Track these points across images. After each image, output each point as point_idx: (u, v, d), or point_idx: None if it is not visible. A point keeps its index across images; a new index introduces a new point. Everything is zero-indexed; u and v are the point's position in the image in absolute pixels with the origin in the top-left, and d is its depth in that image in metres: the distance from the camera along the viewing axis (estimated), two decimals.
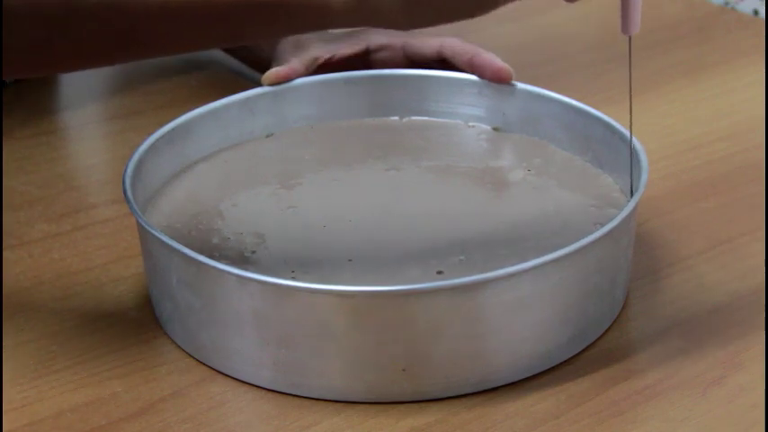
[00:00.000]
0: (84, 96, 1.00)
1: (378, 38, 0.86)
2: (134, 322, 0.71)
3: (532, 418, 0.63)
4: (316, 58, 0.84)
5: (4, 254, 0.77)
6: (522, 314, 0.64)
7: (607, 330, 0.69)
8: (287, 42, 0.86)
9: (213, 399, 0.65)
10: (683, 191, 0.83)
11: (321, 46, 0.85)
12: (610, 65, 1.03)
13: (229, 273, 0.63)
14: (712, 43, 1.07)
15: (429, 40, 0.85)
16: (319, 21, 0.60)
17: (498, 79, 0.80)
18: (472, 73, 0.82)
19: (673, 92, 0.98)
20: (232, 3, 0.59)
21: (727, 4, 1.22)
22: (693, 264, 0.75)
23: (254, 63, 0.96)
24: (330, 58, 0.85)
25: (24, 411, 0.64)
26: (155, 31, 0.60)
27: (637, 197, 0.68)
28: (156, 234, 0.66)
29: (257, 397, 0.65)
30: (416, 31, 0.85)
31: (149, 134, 0.75)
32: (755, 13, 1.21)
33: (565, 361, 0.66)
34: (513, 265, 0.62)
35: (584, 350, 0.67)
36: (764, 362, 0.66)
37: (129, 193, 0.69)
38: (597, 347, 0.68)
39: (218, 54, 1.03)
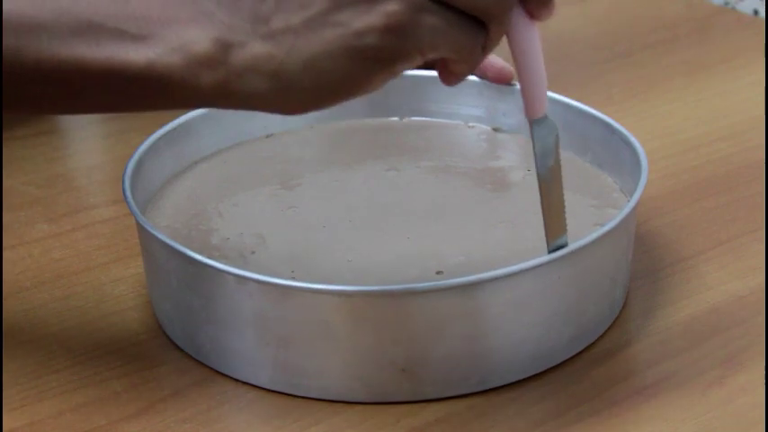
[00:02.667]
0: None
1: None
2: (134, 322, 0.71)
3: (532, 418, 0.63)
4: None
5: (4, 254, 0.77)
6: (521, 314, 0.64)
7: (607, 330, 0.69)
8: None
9: (213, 399, 0.65)
10: (683, 191, 0.83)
11: None
12: (610, 65, 1.03)
13: (229, 273, 0.63)
14: (712, 43, 1.07)
15: None
16: (189, 101, 0.58)
17: (500, 79, 0.80)
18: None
19: (673, 92, 0.98)
20: (103, 72, 0.57)
21: (727, 4, 1.22)
22: (693, 264, 0.75)
23: None
24: None
25: (24, 411, 0.64)
26: (28, 91, 0.58)
27: (636, 197, 0.68)
28: (156, 234, 0.66)
29: (257, 397, 0.65)
30: None
31: (149, 134, 0.75)
32: (755, 13, 1.21)
33: (565, 361, 0.67)
34: (512, 265, 0.62)
35: (584, 350, 0.67)
36: (764, 362, 0.66)
37: (128, 193, 0.69)
38: (597, 347, 0.68)
39: None
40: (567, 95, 0.79)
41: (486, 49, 0.58)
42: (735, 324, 0.70)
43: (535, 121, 0.63)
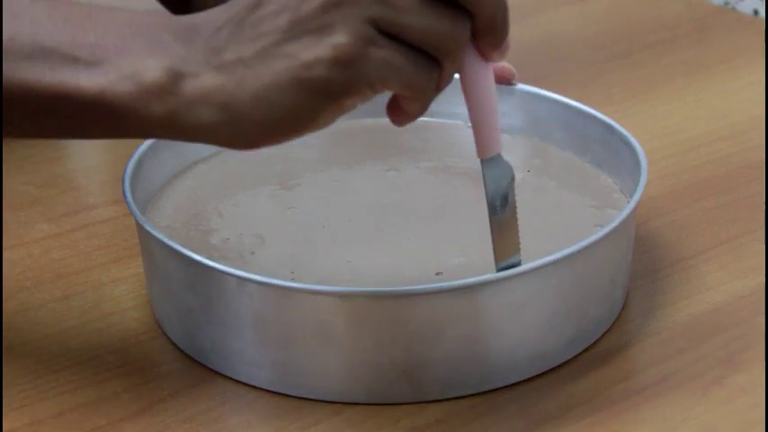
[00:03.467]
0: None
1: None
2: (134, 322, 0.71)
3: (532, 418, 0.63)
4: None
5: (4, 254, 0.77)
6: (521, 316, 0.64)
7: (607, 331, 0.69)
8: None
9: (213, 399, 0.65)
10: (683, 191, 0.83)
11: None
12: (610, 65, 1.03)
13: (228, 273, 0.63)
14: (712, 43, 1.07)
15: None
16: (139, 130, 0.58)
17: (502, 78, 0.80)
18: None
19: (673, 92, 0.98)
20: (55, 97, 0.57)
21: (727, 4, 1.22)
22: (693, 264, 0.75)
23: None
24: None
25: (24, 411, 0.64)
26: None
27: (636, 198, 0.68)
28: (155, 234, 0.65)
29: (257, 397, 0.65)
30: None
31: None
32: (755, 13, 1.21)
33: (565, 362, 0.66)
34: None
35: (584, 350, 0.67)
36: (764, 362, 0.66)
37: (128, 193, 0.69)
38: (597, 348, 0.68)
39: None
40: (566, 95, 0.79)
41: (439, 87, 0.58)
42: (735, 324, 0.70)
43: (485, 162, 0.62)
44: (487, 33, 0.58)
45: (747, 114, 0.93)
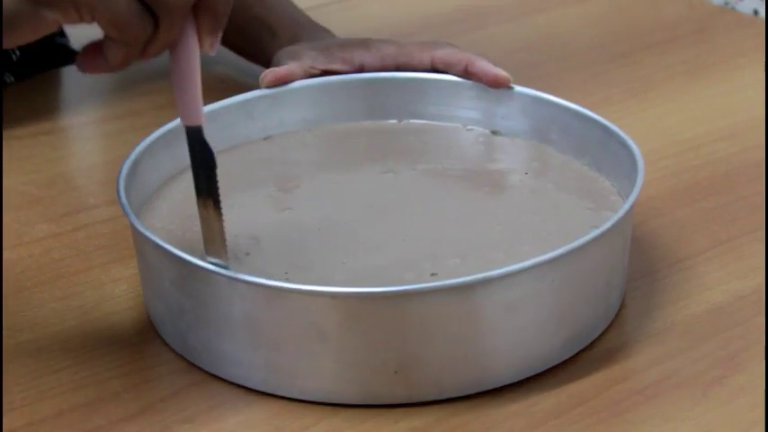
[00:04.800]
0: (84, 96, 1.00)
1: (371, 57, 0.85)
2: (134, 322, 0.71)
3: (532, 418, 0.63)
4: (312, 66, 0.84)
5: (4, 254, 0.77)
6: (515, 316, 0.64)
7: (607, 330, 0.69)
8: (283, 53, 0.86)
9: (213, 399, 0.65)
10: (683, 191, 0.83)
11: (316, 56, 0.85)
12: (610, 65, 1.03)
13: (220, 274, 0.63)
14: (712, 43, 1.07)
15: (421, 54, 0.84)
16: None
17: (497, 86, 0.80)
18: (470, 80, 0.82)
19: (673, 92, 0.98)
20: None
21: (727, 4, 1.23)
22: (693, 264, 0.75)
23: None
24: (324, 71, 0.84)
25: (24, 411, 0.64)
26: None
27: (632, 199, 0.68)
28: (148, 235, 0.65)
29: (257, 397, 0.65)
30: (407, 41, 0.85)
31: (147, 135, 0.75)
32: (755, 13, 1.21)
33: (565, 361, 0.66)
34: (506, 266, 0.62)
35: (584, 350, 0.67)
36: (764, 362, 0.66)
37: (122, 194, 0.69)
38: (597, 348, 0.68)
39: (220, 55, 1.03)
40: (566, 95, 0.79)
41: (147, 50, 0.60)
42: (735, 324, 0.70)
43: (187, 129, 0.64)
44: (207, 14, 0.61)
45: (747, 114, 0.93)
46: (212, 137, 0.79)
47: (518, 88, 0.80)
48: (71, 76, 1.03)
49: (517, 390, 0.65)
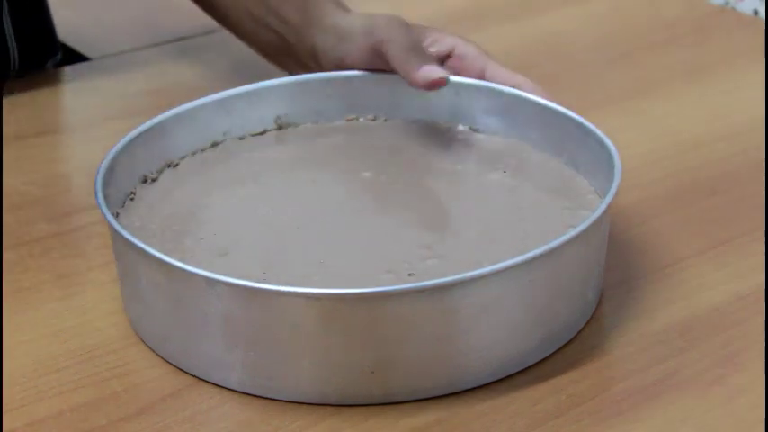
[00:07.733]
0: (84, 96, 1.00)
1: (454, 40, 0.83)
2: None
3: (532, 418, 0.63)
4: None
5: (4, 254, 0.77)
6: (492, 316, 0.63)
7: (607, 330, 0.69)
8: (327, 35, 0.83)
9: (213, 399, 0.65)
10: (683, 191, 0.83)
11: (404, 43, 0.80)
12: (610, 65, 1.03)
13: (197, 274, 0.63)
14: (712, 43, 1.07)
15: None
16: None
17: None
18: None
19: (672, 92, 0.98)
20: None
21: (727, 3, 1.23)
22: (693, 264, 0.75)
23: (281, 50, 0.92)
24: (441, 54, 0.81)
25: (24, 411, 0.64)
26: None
27: (608, 199, 0.67)
28: (124, 234, 0.65)
29: (256, 397, 0.65)
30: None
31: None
32: (755, 13, 1.21)
33: (565, 361, 0.66)
34: (482, 267, 0.62)
35: (583, 350, 0.67)
36: (764, 362, 0.66)
37: (99, 194, 0.68)
38: (597, 347, 0.68)
39: (219, 54, 1.03)
40: (566, 95, 0.79)
41: None
42: (735, 324, 0.70)
43: None
44: None
45: (747, 114, 0.93)
46: (189, 136, 0.79)
47: (496, 86, 0.80)
48: (71, 75, 1.03)
49: (518, 389, 0.65)
